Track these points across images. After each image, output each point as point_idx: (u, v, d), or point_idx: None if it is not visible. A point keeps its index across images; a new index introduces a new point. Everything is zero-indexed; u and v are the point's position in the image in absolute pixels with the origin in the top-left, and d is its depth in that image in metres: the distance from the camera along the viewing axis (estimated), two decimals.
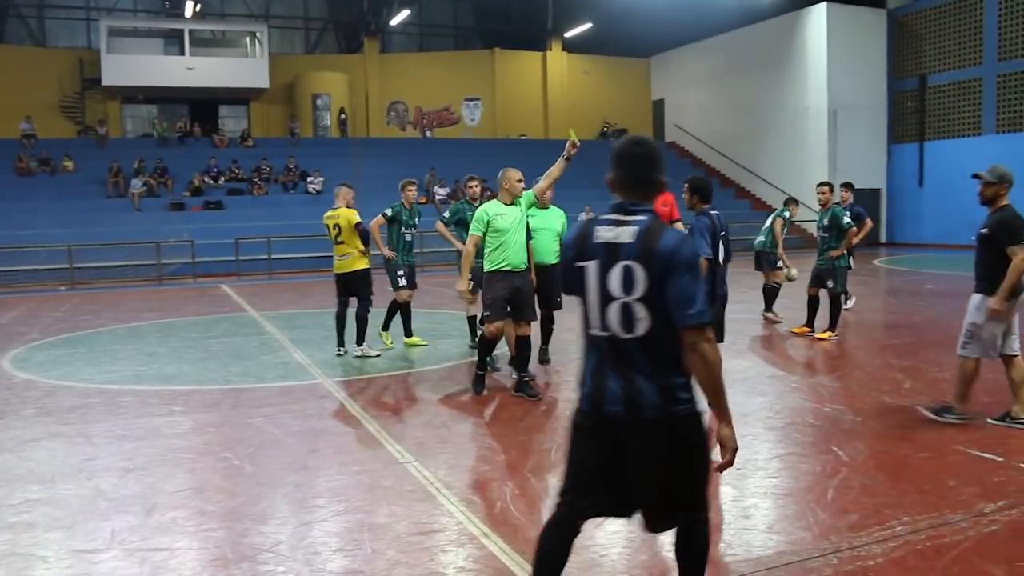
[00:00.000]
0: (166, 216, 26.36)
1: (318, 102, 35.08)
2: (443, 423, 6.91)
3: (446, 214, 10.07)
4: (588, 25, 35.51)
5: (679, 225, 8.20)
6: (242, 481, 5.49)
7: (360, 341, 9.87)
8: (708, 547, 3.16)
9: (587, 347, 3.07)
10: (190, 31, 32.81)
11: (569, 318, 8.67)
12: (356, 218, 9.67)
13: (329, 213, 9.87)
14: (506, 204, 7.53)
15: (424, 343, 10.62)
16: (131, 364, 9.91)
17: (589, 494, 3.04)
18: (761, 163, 33.41)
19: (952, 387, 6.65)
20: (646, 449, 2.91)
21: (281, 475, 5.59)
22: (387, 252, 10.21)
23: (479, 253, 7.68)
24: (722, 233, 7.09)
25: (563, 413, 7.34)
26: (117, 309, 16.05)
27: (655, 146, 3.07)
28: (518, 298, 7.58)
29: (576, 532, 3.12)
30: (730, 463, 2.96)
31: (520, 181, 7.60)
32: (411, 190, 10.24)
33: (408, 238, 10.32)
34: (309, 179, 29.06)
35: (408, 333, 10.62)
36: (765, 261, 12.45)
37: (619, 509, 3.09)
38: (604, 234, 2.96)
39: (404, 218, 10.21)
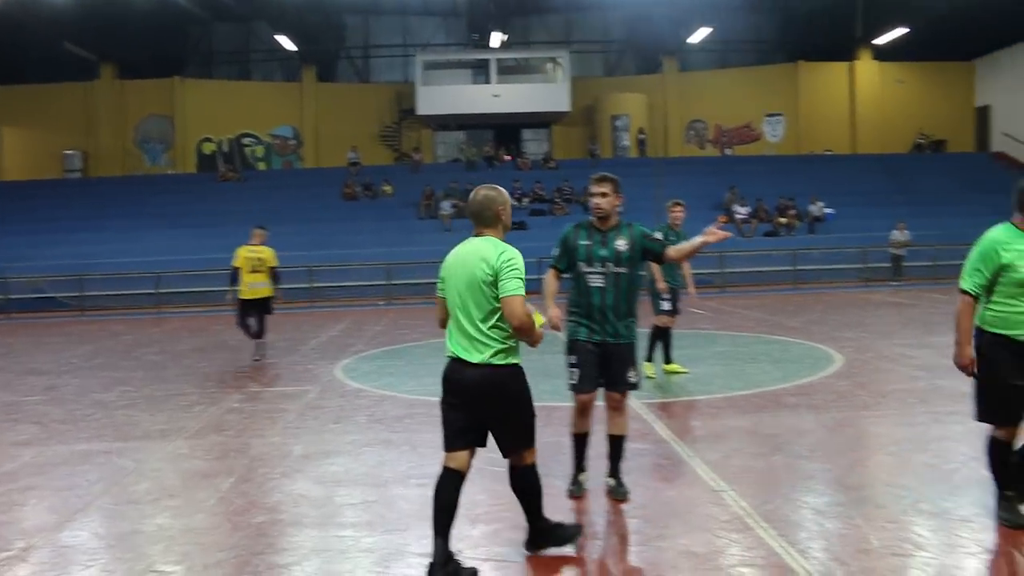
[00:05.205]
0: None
1: (617, 123, 35.56)
2: (758, 453, 6.62)
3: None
4: (903, 31, 33.04)
5: None
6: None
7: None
8: None
9: None
10: (496, 60, 34.54)
11: None
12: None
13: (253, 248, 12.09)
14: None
15: (685, 370, 10.24)
16: None
17: None
18: None
19: None
20: None
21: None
22: (661, 284, 9.81)
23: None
24: None
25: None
26: (431, 324, 17.02)
27: None
28: None
29: None
30: None
31: None
32: (677, 211, 10.05)
33: None
34: None
35: (668, 360, 10.26)
36: None
37: None
38: None
39: (671, 240, 9.79)
